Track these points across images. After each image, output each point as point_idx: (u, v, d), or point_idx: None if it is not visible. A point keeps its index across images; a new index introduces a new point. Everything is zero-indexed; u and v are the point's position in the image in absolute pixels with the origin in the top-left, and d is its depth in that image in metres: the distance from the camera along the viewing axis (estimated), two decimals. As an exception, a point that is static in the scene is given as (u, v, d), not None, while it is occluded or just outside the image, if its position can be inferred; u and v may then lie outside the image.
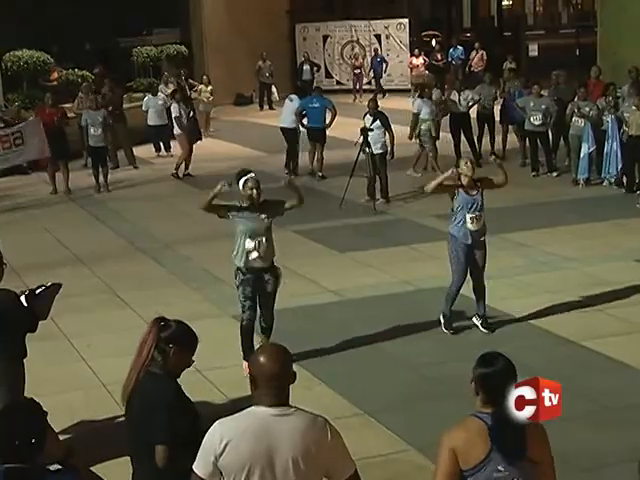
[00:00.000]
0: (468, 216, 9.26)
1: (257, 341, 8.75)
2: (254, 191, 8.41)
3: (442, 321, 9.58)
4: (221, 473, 3.95)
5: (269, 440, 3.91)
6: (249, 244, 8.47)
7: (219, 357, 8.89)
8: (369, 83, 31.07)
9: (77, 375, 8.85)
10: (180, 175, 19.00)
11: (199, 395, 8.35)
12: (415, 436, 7.11)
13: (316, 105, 17.82)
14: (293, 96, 18.80)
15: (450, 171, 9.36)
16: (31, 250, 13.62)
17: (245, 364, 8.71)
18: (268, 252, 8.60)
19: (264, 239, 8.50)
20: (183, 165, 19.15)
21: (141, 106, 21.62)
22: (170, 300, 10.87)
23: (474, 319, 9.63)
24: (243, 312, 8.74)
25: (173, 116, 19.14)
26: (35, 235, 14.62)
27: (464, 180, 9.31)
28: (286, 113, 18.49)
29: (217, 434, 3.96)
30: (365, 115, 15.80)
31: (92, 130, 18.00)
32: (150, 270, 12.38)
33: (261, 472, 3.90)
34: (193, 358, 4.78)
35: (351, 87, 31.83)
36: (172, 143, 21.34)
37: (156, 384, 4.58)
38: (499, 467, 4.05)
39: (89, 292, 11.38)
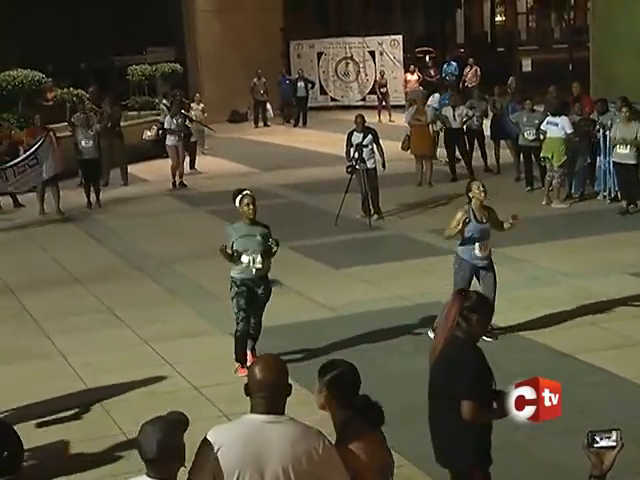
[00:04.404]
0: (477, 244, 9.42)
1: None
2: (250, 206, 8.81)
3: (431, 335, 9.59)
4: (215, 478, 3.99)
5: (258, 447, 3.93)
6: (244, 259, 8.83)
7: (216, 374, 8.93)
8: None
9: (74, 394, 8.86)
10: (177, 185, 19.47)
11: (196, 412, 8.39)
12: (410, 451, 7.11)
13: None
14: None
15: (461, 211, 9.44)
16: (27, 269, 13.64)
17: (238, 366, 9.02)
18: (264, 266, 8.90)
19: (259, 254, 8.81)
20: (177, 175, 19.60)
21: (137, 124, 21.68)
22: (167, 318, 10.90)
23: None
24: (237, 323, 9.05)
25: (165, 127, 19.70)
26: (31, 254, 14.61)
27: (474, 203, 9.41)
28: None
29: (211, 440, 4.00)
30: (352, 132, 15.45)
31: (83, 143, 18.04)
32: (146, 288, 12.39)
33: (250, 479, 3.92)
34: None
35: (346, 103, 32.07)
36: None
37: (461, 347, 5.22)
38: None
39: (86, 311, 11.39)
